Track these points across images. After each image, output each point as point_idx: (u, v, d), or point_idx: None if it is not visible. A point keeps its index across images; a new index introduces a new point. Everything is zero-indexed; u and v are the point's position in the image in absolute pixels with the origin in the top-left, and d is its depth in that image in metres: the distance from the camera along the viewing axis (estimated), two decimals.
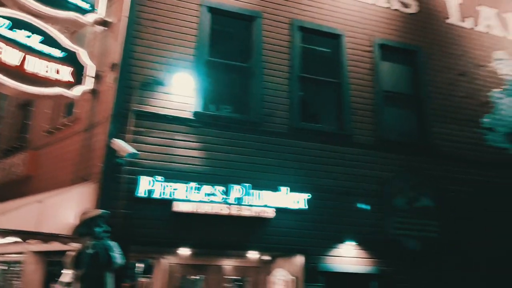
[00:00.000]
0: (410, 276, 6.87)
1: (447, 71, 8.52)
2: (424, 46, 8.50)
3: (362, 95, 7.70)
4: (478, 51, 8.98)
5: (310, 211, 6.57)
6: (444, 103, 8.23)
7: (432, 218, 7.22)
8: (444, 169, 7.76)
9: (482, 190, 7.91)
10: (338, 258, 6.58)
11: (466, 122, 8.28)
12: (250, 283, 7.65)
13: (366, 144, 7.41)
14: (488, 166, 8.15)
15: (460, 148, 8.05)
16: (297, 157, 6.88)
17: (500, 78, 8.95)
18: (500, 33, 9.39)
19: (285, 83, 7.26)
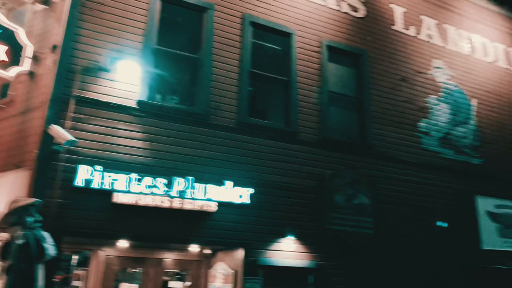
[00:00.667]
0: (345, 270, 7.17)
1: (389, 75, 8.92)
2: (369, 50, 8.83)
3: (309, 94, 7.88)
4: (419, 59, 9.47)
5: (252, 206, 6.64)
6: (384, 106, 8.61)
7: (368, 215, 7.55)
8: (381, 169, 8.14)
9: (416, 190, 8.40)
10: (278, 252, 6.72)
11: (404, 125, 8.72)
12: (190, 276, 7.62)
13: (310, 142, 7.59)
14: (423, 168, 8.65)
15: (397, 149, 8.48)
16: (243, 151, 6.92)
17: (437, 85, 9.51)
18: (439, 43, 9.95)
19: (235, 77, 7.26)
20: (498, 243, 8.93)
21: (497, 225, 9.05)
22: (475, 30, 10.72)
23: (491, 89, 10.33)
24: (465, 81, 9.97)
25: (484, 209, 9.02)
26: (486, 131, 9.79)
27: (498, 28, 11.22)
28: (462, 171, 9.09)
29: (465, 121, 9.58)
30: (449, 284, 8.05)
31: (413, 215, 8.20)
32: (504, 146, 9.94)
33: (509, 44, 11.26)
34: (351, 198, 7.53)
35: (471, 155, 9.35)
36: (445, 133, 9.19)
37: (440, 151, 8.99)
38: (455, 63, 10.00)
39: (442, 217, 8.47)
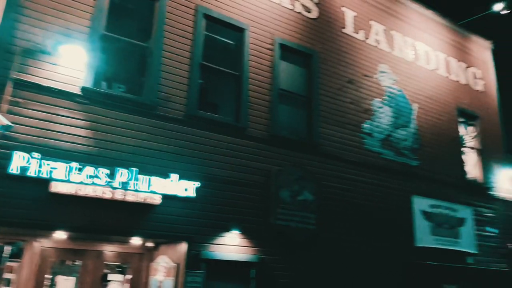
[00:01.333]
0: (288, 265, 7.34)
1: (338, 77, 9.19)
2: (320, 51, 9.05)
3: (260, 90, 7.95)
4: (366, 62, 9.83)
5: (198, 199, 6.62)
6: (331, 107, 8.87)
7: (311, 211, 7.76)
8: (326, 167, 8.40)
9: (358, 188, 8.75)
10: (222, 246, 6.75)
11: (349, 125, 9.03)
12: (131, 269, 7.47)
13: (259, 138, 7.67)
14: (365, 167, 9.01)
15: (342, 149, 8.77)
16: (190, 144, 6.87)
17: (381, 89, 9.92)
18: (386, 48, 10.39)
19: (185, 69, 7.18)
20: (430, 241, 9.50)
21: (430, 223, 9.62)
22: (419, 38, 11.28)
23: (431, 95, 10.93)
24: (408, 86, 10.48)
25: (419, 208, 9.56)
26: (424, 134, 10.36)
27: (440, 38, 11.88)
28: (401, 172, 9.57)
29: (405, 124, 10.08)
30: (386, 279, 8.47)
31: (354, 212, 8.54)
32: (440, 149, 10.57)
33: (450, 53, 11.96)
34: (296, 194, 7.70)
35: (409, 157, 9.86)
36: (387, 135, 9.62)
37: (381, 152, 9.40)
38: (400, 69, 10.48)
39: (381, 215, 8.89)
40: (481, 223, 10.67)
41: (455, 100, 11.48)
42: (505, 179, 11.85)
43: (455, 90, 11.62)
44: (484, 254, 10.40)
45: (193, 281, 6.25)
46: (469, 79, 12.22)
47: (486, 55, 13.17)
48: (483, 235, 10.59)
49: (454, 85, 11.67)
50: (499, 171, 11.79)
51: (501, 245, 10.88)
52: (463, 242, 10.06)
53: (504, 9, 12.19)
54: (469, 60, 12.49)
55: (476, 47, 12.92)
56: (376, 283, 8.28)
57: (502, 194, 11.63)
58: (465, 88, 11.96)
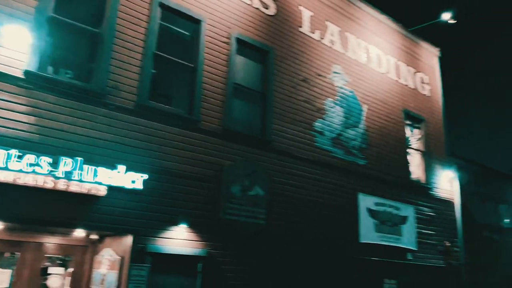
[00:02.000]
0: (236, 259, 7.37)
1: (292, 75, 9.32)
2: (276, 48, 9.13)
3: (215, 83, 7.90)
4: (320, 62, 10.03)
5: (145, 192, 6.49)
6: (285, 104, 8.98)
7: (262, 206, 7.83)
8: (278, 163, 8.50)
9: (308, 185, 8.92)
10: (169, 240, 6.66)
11: (301, 123, 9.19)
12: (73, 262, 7.22)
13: (211, 132, 7.63)
14: (315, 165, 9.21)
15: (294, 146, 8.91)
16: (140, 135, 6.71)
17: (334, 89, 10.16)
18: (340, 49, 10.64)
19: (138, 58, 7.00)
20: (374, 237, 9.88)
21: (374, 221, 10.00)
22: (372, 41, 11.65)
23: (380, 98, 11.33)
24: (359, 87, 10.80)
25: (365, 205, 9.91)
26: (372, 135, 10.74)
27: (392, 43, 12.33)
28: (349, 170, 9.86)
29: (355, 124, 10.40)
30: (332, 274, 8.72)
31: (304, 208, 8.71)
32: (386, 150, 11.00)
33: (400, 58, 12.45)
34: (247, 189, 7.74)
35: (358, 156, 10.19)
36: (338, 134, 9.88)
37: (331, 150, 9.64)
38: (352, 70, 10.79)
39: (329, 211, 9.13)
40: (421, 222, 11.23)
41: (402, 103, 11.98)
42: (445, 180, 12.54)
43: (403, 93, 12.12)
44: (423, 251, 10.96)
45: (138, 274, 6.13)
46: (417, 84, 12.78)
47: (433, 61, 13.82)
48: (423, 232, 11.15)
49: (402, 88, 12.16)
50: (441, 173, 12.45)
51: (439, 242, 11.51)
52: (404, 239, 10.54)
53: (452, 18, 12.84)
54: (418, 66, 13.06)
55: (425, 53, 13.53)
56: (322, 278, 8.51)
57: (442, 194, 12.29)
58: (412, 92, 12.50)
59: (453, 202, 12.59)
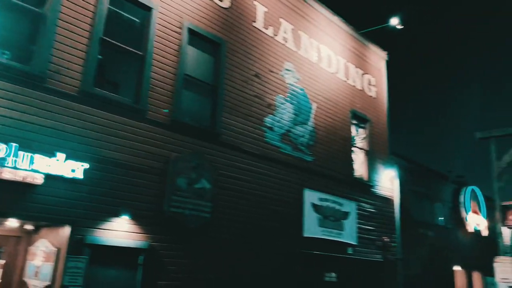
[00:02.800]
0: (179, 252, 7.32)
1: (244, 69, 9.34)
2: (229, 41, 9.09)
3: (164, 73, 7.75)
4: (273, 58, 10.12)
5: (86, 182, 6.27)
6: (236, 98, 8.99)
7: (207, 199, 7.81)
8: (226, 157, 8.51)
9: (256, 179, 9.00)
10: (109, 231, 6.48)
11: (252, 118, 9.24)
12: (6, 254, 6.84)
13: (158, 122, 7.49)
14: (264, 159, 9.31)
15: (243, 140, 8.95)
16: (82, 123, 6.46)
17: (285, 86, 10.31)
18: (292, 47, 10.79)
19: (83, 42, 6.71)
20: (317, 232, 10.17)
21: (318, 216, 10.29)
22: (324, 41, 11.92)
23: (329, 97, 11.64)
24: (309, 86, 11.03)
25: (309, 201, 10.17)
26: (320, 133, 11.02)
27: (342, 44, 12.68)
28: (296, 166, 10.07)
29: (304, 121, 10.62)
30: (275, 267, 8.88)
31: (250, 202, 8.79)
32: (332, 148, 11.33)
33: (349, 59, 12.83)
34: (193, 182, 7.69)
35: (305, 153, 10.42)
36: (287, 130, 10.05)
37: (280, 146, 9.79)
38: (304, 69, 10.99)
39: (275, 206, 9.28)
40: (362, 217, 11.70)
41: (350, 103, 12.38)
42: (386, 178, 13.13)
43: (351, 94, 12.52)
44: (363, 245, 11.44)
45: (75, 266, 5.92)
46: (364, 85, 13.25)
47: (381, 64, 14.38)
48: (363, 228, 11.62)
49: (350, 89, 12.56)
50: (382, 171, 13.01)
51: (378, 238, 12.05)
52: (345, 234, 10.95)
53: (399, 24, 13.41)
54: (366, 68, 13.53)
55: (373, 56, 14.04)
56: (265, 271, 8.65)
57: (383, 192, 12.87)
58: (360, 93, 12.94)
59: (393, 199, 13.22)
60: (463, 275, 16.61)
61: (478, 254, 16.95)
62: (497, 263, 8.84)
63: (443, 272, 15.48)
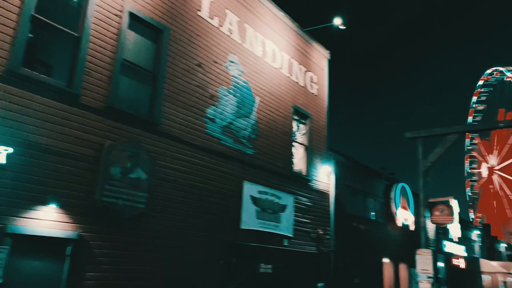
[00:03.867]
0: (111, 243, 7.09)
1: (188, 58, 9.19)
2: (172, 28, 8.89)
3: (101, 57, 7.43)
4: (217, 49, 10.05)
5: (9, 167, 5.88)
6: (178, 87, 8.83)
7: (143, 190, 7.62)
8: (165, 147, 8.35)
9: (195, 171, 8.92)
10: (34, 220, 6.13)
11: (193, 109, 9.13)
12: None
13: (93, 108, 7.18)
14: (204, 151, 9.24)
15: (183, 130, 8.82)
16: (8, 105, 6.04)
17: (229, 78, 10.28)
18: (238, 40, 10.78)
19: (12, 19, 6.26)
20: (254, 224, 10.31)
21: (256, 208, 10.43)
22: (269, 36, 12.02)
23: (272, 91, 11.78)
24: (253, 79, 11.09)
25: (248, 193, 10.26)
26: (262, 126, 11.13)
27: (287, 40, 12.86)
28: (237, 159, 10.11)
29: (247, 115, 10.67)
30: (212, 258, 8.88)
31: (188, 194, 8.70)
32: (274, 142, 11.51)
33: (293, 56, 13.05)
34: (128, 172, 7.46)
35: (246, 146, 10.48)
36: (229, 123, 10.04)
37: (221, 138, 9.77)
38: (248, 62, 11.02)
39: (214, 197, 9.26)
40: (299, 210, 12.01)
41: (292, 99, 12.61)
42: (324, 173, 13.57)
43: (293, 90, 12.76)
44: (298, 237, 11.76)
45: None
46: (307, 82, 13.56)
47: (323, 63, 14.78)
48: (299, 221, 11.95)
49: (293, 85, 12.79)
50: (320, 166, 13.43)
51: (313, 230, 12.44)
52: (282, 227, 11.19)
53: (342, 24, 13.83)
54: (309, 65, 13.84)
55: (316, 54, 14.39)
56: (200, 262, 8.62)
57: (320, 186, 13.29)
58: (302, 90, 13.22)
59: (329, 194, 13.70)
60: (390, 266, 17.63)
61: (405, 247, 18.05)
62: (418, 255, 9.48)
63: (373, 264, 16.34)
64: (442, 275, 22.59)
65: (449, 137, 9.66)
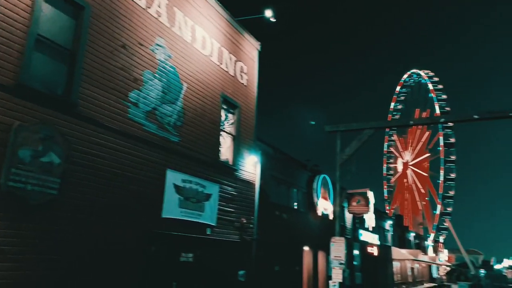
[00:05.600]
0: (18, 230, 6.60)
1: (111, 39, 8.74)
2: (95, 5, 8.39)
3: (12, 30, 6.81)
4: (144, 31, 9.67)
5: None
6: (99, 68, 8.38)
7: (56, 175, 7.16)
8: (82, 130, 7.90)
9: (115, 157, 8.56)
10: None
11: (114, 91, 8.72)
12: None
13: (1, 85, 6.57)
14: (125, 136, 8.88)
15: (103, 114, 8.41)
16: None
17: (155, 61, 9.96)
18: (166, 23, 10.46)
19: None
20: (177, 213, 10.16)
21: (179, 197, 10.28)
22: (199, 22, 11.82)
23: (201, 79, 11.63)
24: (181, 65, 10.85)
25: (172, 181, 10.08)
26: (188, 114, 10.96)
27: (218, 28, 12.74)
28: (160, 146, 9.86)
29: (173, 101, 10.44)
30: (130, 247, 8.60)
31: (107, 181, 8.33)
32: (200, 130, 11.40)
33: (224, 44, 12.98)
34: (39, 155, 6.96)
35: (171, 133, 10.27)
36: (153, 108, 9.75)
37: (144, 123, 9.46)
38: (176, 47, 10.75)
39: (136, 185, 8.97)
40: (224, 200, 12.07)
41: (221, 88, 12.56)
42: (250, 163, 13.74)
43: (223, 79, 12.70)
44: (222, 226, 11.82)
45: None
46: (237, 72, 13.57)
47: (254, 53, 14.87)
48: (224, 210, 12.00)
49: (223, 74, 12.73)
50: (247, 156, 13.57)
51: (237, 219, 12.58)
52: (206, 216, 11.16)
53: (273, 17, 13.99)
54: (239, 55, 13.86)
55: (247, 44, 14.43)
56: (118, 252, 8.33)
57: (246, 176, 13.45)
58: (231, 79, 13.21)
59: (254, 183, 13.92)
60: (310, 254, 18.41)
61: (324, 235, 18.92)
62: (332, 243, 10.00)
63: (294, 252, 16.94)
64: (357, 262, 24.08)
65: (365, 132, 10.26)
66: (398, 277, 33.69)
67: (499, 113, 10.21)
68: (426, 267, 45.95)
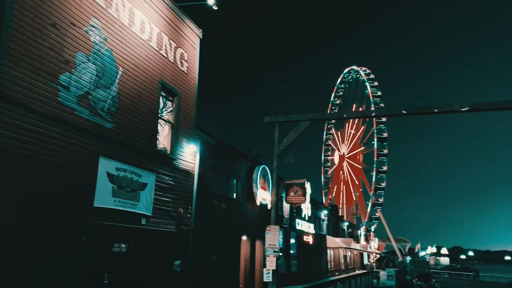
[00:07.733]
0: None
1: (40, 16, 8.18)
2: None
3: None
4: (77, 11, 9.14)
5: None
6: (25, 47, 7.82)
7: None
8: (5, 114, 7.36)
9: (42, 142, 8.07)
10: None
11: (43, 73, 8.19)
12: None
13: None
14: (54, 121, 8.39)
15: (30, 96, 7.88)
16: None
17: (89, 43, 9.47)
18: (102, 4, 9.96)
19: None
20: (110, 202, 9.79)
21: (113, 185, 9.91)
22: (138, 6, 11.39)
23: (138, 64, 11.25)
24: (117, 48, 10.41)
25: (105, 170, 9.69)
26: (124, 99, 10.57)
27: (158, 13, 12.37)
28: (93, 132, 9.43)
29: (108, 86, 10.00)
30: (59, 238, 8.17)
31: (33, 168, 7.83)
32: (137, 117, 11.04)
33: (164, 30, 12.63)
34: None
35: (105, 119, 9.85)
36: (86, 92, 9.28)
37: (76, 108, 8.99)
38: (113, 30, 10.29)
39: (65, 172, 8.52)
40: (161, 189, 11.83)
41: (160, 74, 12.24)
42: (189, 153, 13.57)
43: (161, 65, 12.38)
44: (158, 216, 11.59)
45: None
46: (177, 59, 13.28)
47: (195, 41, 14.62)
48: (160, 199, 11.77)
49: (161, 60, 12.40)
50: (186, 145, 13.38)
51: (173, 209, 12.40)
52: (141, 205, 10.88)
53: (215, 5, 13.81)
54: (180, 42, 13.56)
55: (188, 31, 14.16)
56: (46, 243, 7.88)
57: (184, 165, 13.27)
58: (171, 66, 12.91)
59: (193, 173, 13.77)
60: (248, 243, 18.63)
61: (262, 225, 19.23)
62: (267, 231, 10.19)
63: (232, 241, 17.04)
64: (294, 251, 24.77)
65: (302, 123, 10.52)
66: (332, 265, 35.17)
67: (425, 109, 10.91)
68: (358, 255, 48.38)
